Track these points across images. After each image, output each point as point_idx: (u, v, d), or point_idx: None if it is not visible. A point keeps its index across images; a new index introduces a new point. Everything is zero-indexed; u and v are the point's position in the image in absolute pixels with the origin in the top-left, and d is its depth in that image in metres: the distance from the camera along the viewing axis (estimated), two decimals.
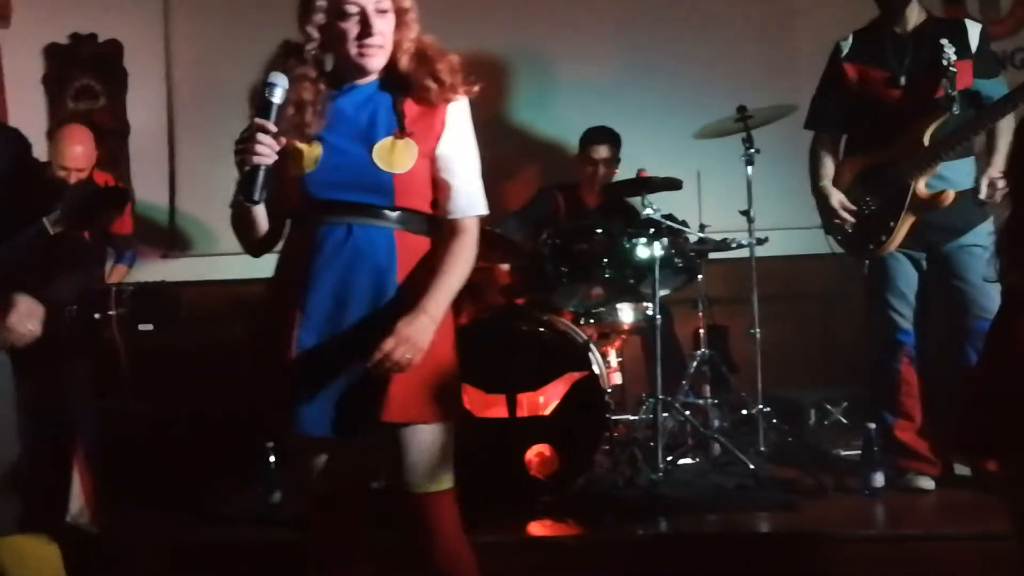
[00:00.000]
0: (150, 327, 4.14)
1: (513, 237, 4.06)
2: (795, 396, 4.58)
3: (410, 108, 2.07)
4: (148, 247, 5.03)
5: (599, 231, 3.83)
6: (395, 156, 2.03)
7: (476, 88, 2.12)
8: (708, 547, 3.15)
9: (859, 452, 3.56)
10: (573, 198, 4.64)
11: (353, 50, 2.06)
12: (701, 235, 4.04)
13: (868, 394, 3.80)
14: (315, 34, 2.09)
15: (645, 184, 3.94)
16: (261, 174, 1.96)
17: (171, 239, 5.16)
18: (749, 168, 4.02)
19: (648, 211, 3.84)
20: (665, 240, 3.83)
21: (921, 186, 3.41)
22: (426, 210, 2.10)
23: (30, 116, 4.82)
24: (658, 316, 3.79)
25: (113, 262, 4.45)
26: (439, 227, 2.12)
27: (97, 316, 3.87)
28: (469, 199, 2.12)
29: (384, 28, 2.05)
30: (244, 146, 1.98)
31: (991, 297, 3.25)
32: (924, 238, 3.46)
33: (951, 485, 3.51)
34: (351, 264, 2.02)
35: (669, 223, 3.86)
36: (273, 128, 1.98)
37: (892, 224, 3.45)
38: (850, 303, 4.13)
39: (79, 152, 3.94)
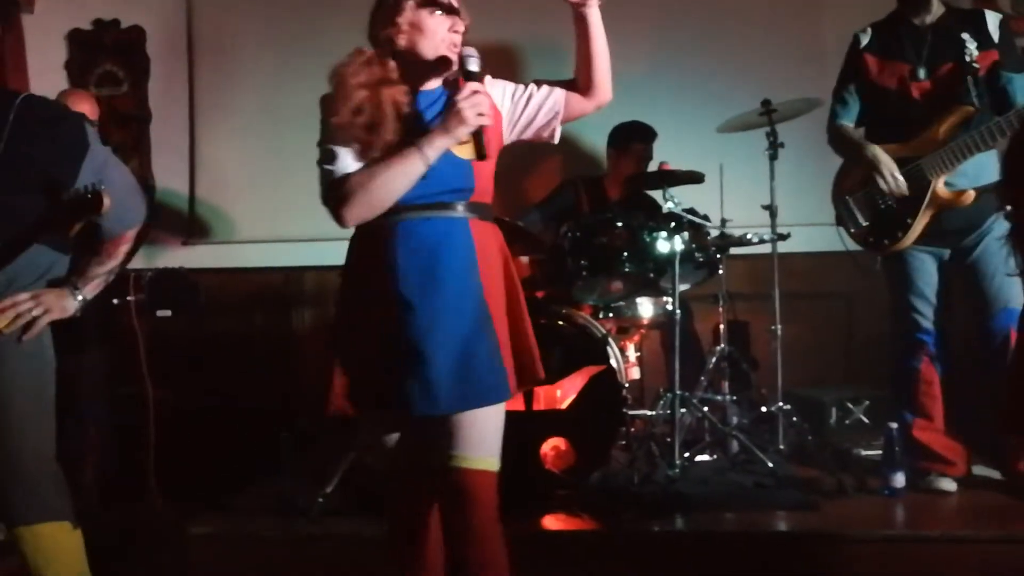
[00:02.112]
0: (168, 313, 4.15)
1: (534, 230, 4.03)
2: (816, 394, 4.53)
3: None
4: (168, 234, 5.05)
5: (620, 224, 3.80)
6: (471, 147, 2.16)
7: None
8: (725, 545, 3.12)
9: (880, 452, 3.52)
10: (596, 191, 4.61)
11: (442, 44, 2.17)
12: (722, 230, 4.00)
13: (890, 393, 3.76)
14: (403, 28, 2.17)
15: (667, 177, 3.91)
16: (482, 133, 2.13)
17: (190, 226, 5.17)
18: (773, 163, 3.97)
19: (670, 205, 3.81)
20: (686, 234, 3.79)
21: (941, 184, 3.36)
22: (491, 199, 2.27)
23: None
24: (678, 311, 3.76)
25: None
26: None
27: (116, 301, 3.88)
28: None
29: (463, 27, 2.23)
30: (476, 108, 2.09)
31: (1015, 289, 3.22)
32: (944, 234, 3.42)
33: (973, 486, 3.47)
34: (444, 253, 2.15)
35: (690, 217, 3.83)
36: (481, 90, 2.13)
37: (909, 221, 3.41)
38: (873, 301, 4.08)
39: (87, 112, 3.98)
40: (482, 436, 2.15)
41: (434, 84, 2.25)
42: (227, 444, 3.97)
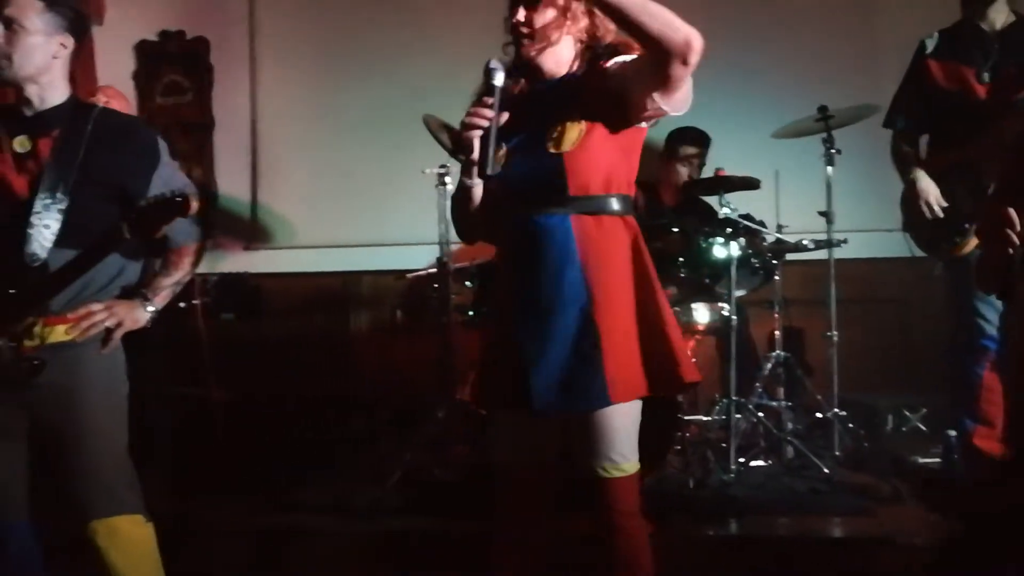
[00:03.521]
0: (231, 316, 4.26)
1: None
2: (872, 401, 4.50)
3: (586, 84, 2.13)
4: (230, 239, 5.16)
5: (675, 230, 3.81)
6: (565, 138, 2.09)
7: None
8: (780, 550, 3.12)
9: (938, 460, 3.49)
10: (652, 196, 4.62)
11: (513, 40, 2.14)
12: (778, 236, 4.00)
13: (948, 401, 3.72)
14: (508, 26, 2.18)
15: (723, 183, 3.91)
16: (490, 148, 2.03)
17: (252, 231, 5.28)
18: (829, 168, 3.96)
19: (725, 210, 3.82)
20: (742, 240, 3.80)
21: None
22: (606, 191, 2.12)
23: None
24: (734, 317, 3.76)
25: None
26: (624, 203, 2.16)
27: (182, 305, 3.99)
28: None
29: (536, 19, 2.11)
30: (465, 121, 2.08)
31: None
32: None
33: None
34: (543, 250, 2.10)
35: (746, 223, 3.83)
36: (490, 101, 2.05)
37: (967, 226, 3.38)
38: (930, 307, 4.05)
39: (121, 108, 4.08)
40: (621, 441, 2.11)
41: (553, 77, 2.20)
42: (287, 442, 4.05)
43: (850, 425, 3.94)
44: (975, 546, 2.57)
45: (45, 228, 2.22)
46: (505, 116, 2.07)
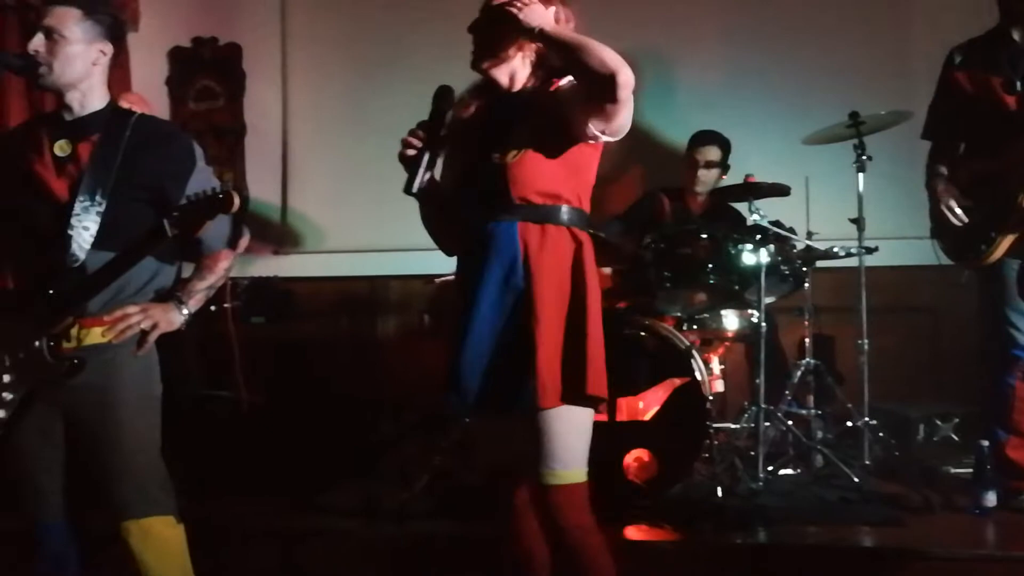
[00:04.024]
0: (262, 320, 4.29)
1: (615, 240, 4.06)
2: (903, 410, 4.46)
3: (541, 99, 2.22)
4: (260, 243, 5.20)
5: (704, 236, 3.80)
6: (511, 149, 2.18)
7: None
8: (808, 559, 3.09)
9: (970, 470, 3.45)
10: (679, 202, 4.62)
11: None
12: (808, 243, 3.97)
13: (980, 410, 3.68)
14: None
15: (752, 190, 3.90)
16: (420, 169, 2.18)
17: (282, 236, 5.32)
18: (860, 175, 3.94)
19: (755, 217, 3.80)
20: (772, 247, 3.78)
21: None
22: (552, 202, 2.19)
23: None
24: (763, 324, 3.75)
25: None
26: (574, 215, 2.22)
27: (213, 308, 4.02)
28: None
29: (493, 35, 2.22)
30: (402, 139, 2.21)
31: None
32: None
33: None
34: (485, 256, 2.17)
35: (776, 230, 3.81)
36: (424, 129, 2.20)
37: (994, 235, 3.35)
38: (962, 316, 4.01)
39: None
40: (566, 447, 2.15)
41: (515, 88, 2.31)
42: (315, 445, 4.07)
43: (881, 434, 3.90)
44: None
45: (84, 230, 2.26)
46: (443, 143, 2.21)
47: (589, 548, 2.17)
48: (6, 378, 2.23)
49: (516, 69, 2.26)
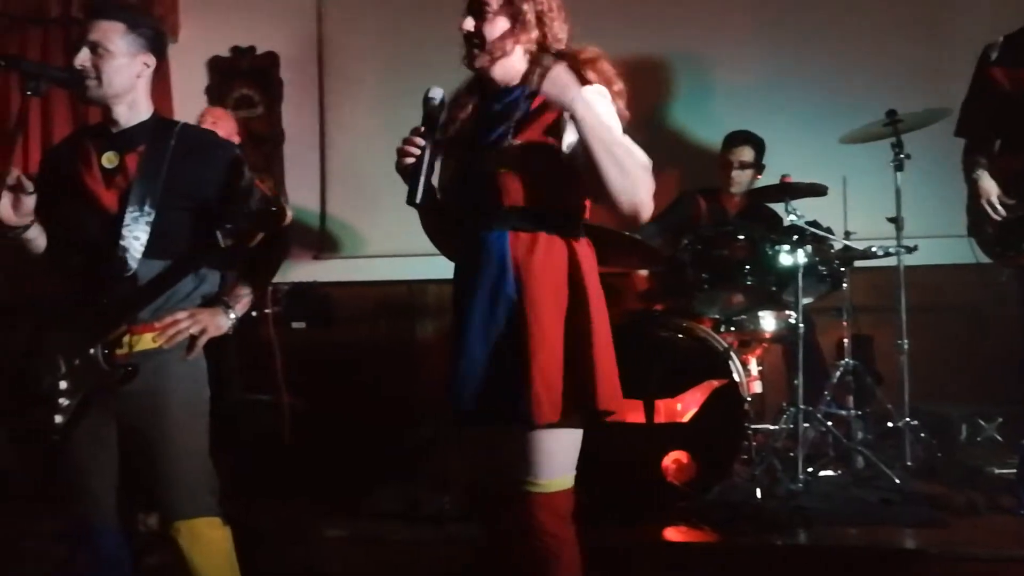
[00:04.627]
0: (302, 325, 4.35)
1: (652, 242, 4.06)
2: (945, 410, 4.41)
3: (537, 106, 2.10)
4: (300, 248, 5.27)
5: (741, 237, 3.80)
6: (505, 156, 2.08)
7: (621, 90, 2.13)
8: (849, 561, 3.08)
9: (1014, 470, 3.42)
10: (715, 203, 4.61)
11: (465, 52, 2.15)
12: (846, 242, 3.95)
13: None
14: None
15: (789, 190, 3.89)
16: (420, 177, 2.07)
17: (322, 241, 5.38)
18: (898, 174, 3.91)
19: (792, 217, 3.79)
20: (809, 247, 3.77)
21: None
22: (545, 208, 2.10)
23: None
24: (802, 325, 3.73)
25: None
26: (569, 223, 2.13)
27: (254, 314, 4.08)
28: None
29: (488, 30, 2.10)
30: (398, 148, 2.11)
31: None
32: None
33: None
34: (479, 263, 2.10)
35: (813, 230, 3.80)
36: (420, 130, 2.10)
37: None
38: (1004, 314, 3.96)
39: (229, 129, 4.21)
40: (555, 459, 2.06)
41: (507, 85, 2.21)
42: (356, 448, 4.11)
43: (922, 435, 3.87)
44: None
45: (135, 240, 2.31)
46: (439, 148, 2.11)
47: (559, 560, 2.05)
48: (63, 385, 2.28)
49: (512, 63, 2.14)
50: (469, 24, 2.12)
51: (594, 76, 2.08)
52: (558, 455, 2.07)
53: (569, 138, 2.06)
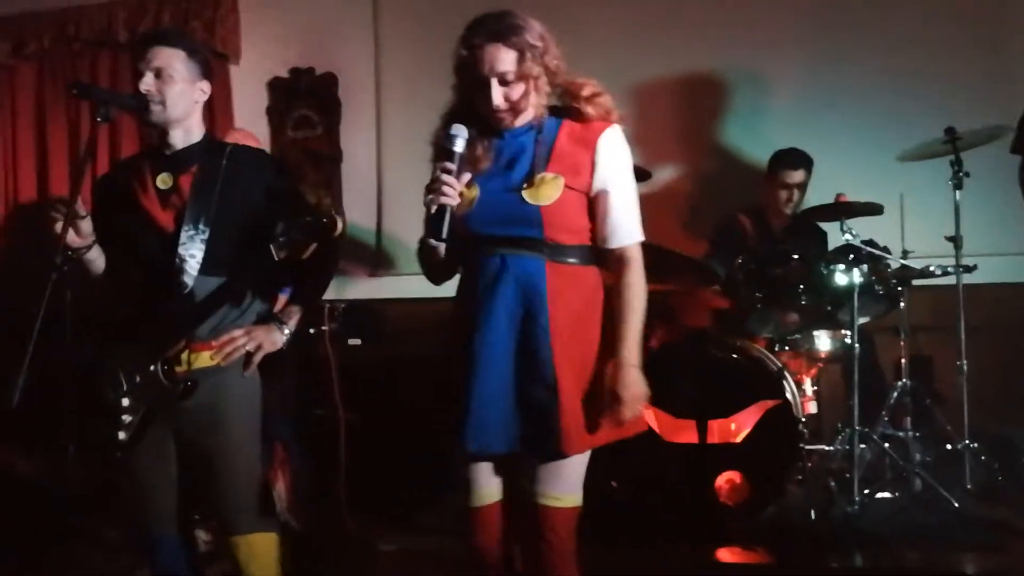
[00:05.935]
0: (358, 341, 4.40)
1: (712, 265, 4.03)
2: (1007, 432, 4.31)
3: (561, 143, 2.18)
4: (357, 266, 5.34)
5: (796, 257, 3.77)
6: (541, 190, 2.13)
7: (619, 117, 2.21)
8: None
9: None
10: (759, 222, 4.56)
11: (487, 114, 2.19)
12: (904, 261, 3.91)
13: None
14: (466, 97, 2.25)
15: (844, 209, 3.85)
16: (447, 215, 2.12)
17: (378, 259, 5.45)
18: (957, 192, 3.86)
19: (847, 236, 3.76)
20: (865, 266, 3.73)
21: None
22: (579, 242, 2.18)
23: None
24: (857, 345, 3.70)
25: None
26: (600, 257, 2.22)
27: (311, 331, 4.15)
28: (628, 228, 2.18)
29: (513, 95, 2.15)
30: (432, 188, 2.14)
31: None
32: None
33: None
34: (507, 292, 2.14)
35: (869, 249, 3.76)
36: (453, 169, 2.14)
37: None
38: None
39: None
40: (572, 478, 2.16)
41: (522, 123, 2.25)
42: (411, 464, 4.14)
43: (983, 457, 3.80)
44: None
45: (191, 258, 2.39)
46: (465, 179, 2.15)
47: (567, 571, 2.17)
48: (125, 401, 2.36)
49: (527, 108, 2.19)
50: (501, 102, 2.16)
51: (592, 110, 2.18)
52: (576, 478, 2.18)
53: (597, 186, 2.16)
